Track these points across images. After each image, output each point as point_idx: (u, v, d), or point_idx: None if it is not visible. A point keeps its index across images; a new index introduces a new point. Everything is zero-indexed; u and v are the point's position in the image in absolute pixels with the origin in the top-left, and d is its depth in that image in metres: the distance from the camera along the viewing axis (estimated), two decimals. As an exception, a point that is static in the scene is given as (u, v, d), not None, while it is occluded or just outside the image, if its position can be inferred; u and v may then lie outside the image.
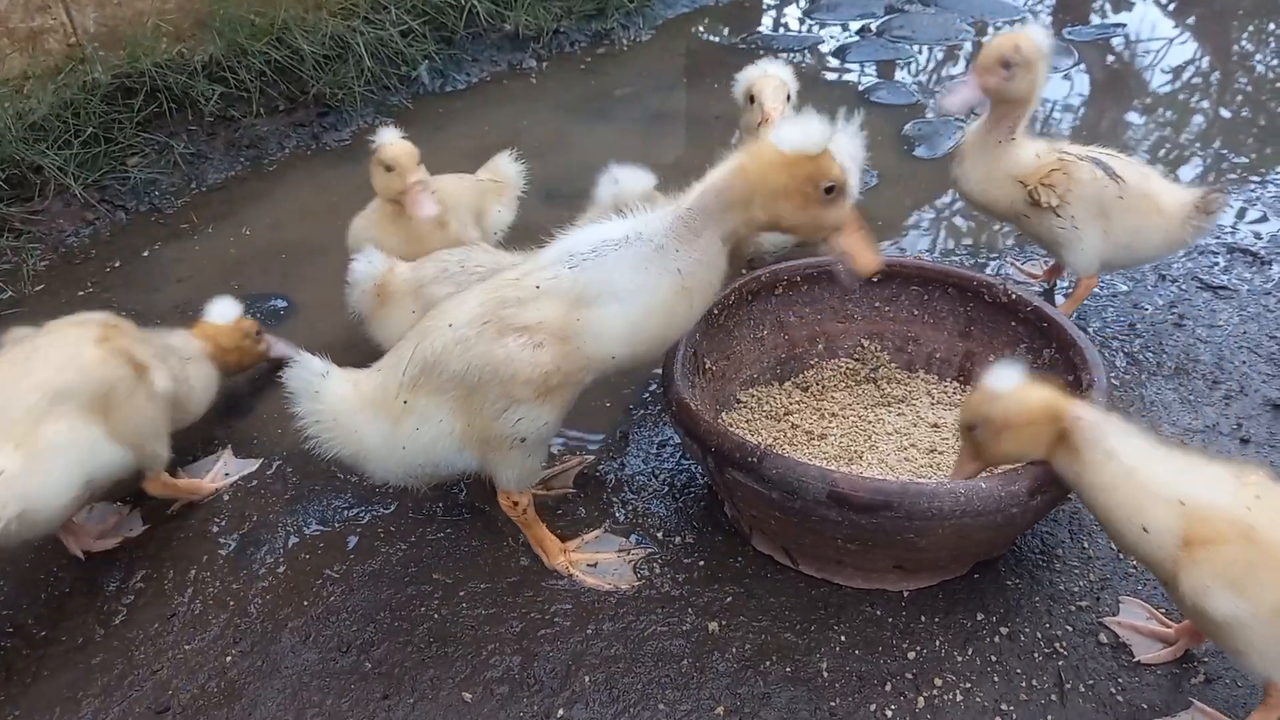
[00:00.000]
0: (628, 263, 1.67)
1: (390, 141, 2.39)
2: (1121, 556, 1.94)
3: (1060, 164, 2.36)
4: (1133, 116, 3.93)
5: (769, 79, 2.36)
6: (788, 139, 1.63)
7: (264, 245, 3.13)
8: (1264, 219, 3.11)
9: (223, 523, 2.09)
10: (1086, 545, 1.97)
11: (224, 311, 2.36)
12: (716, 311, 2.17)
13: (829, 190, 1.64)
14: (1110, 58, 4.45)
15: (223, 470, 2.23)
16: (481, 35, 4.27)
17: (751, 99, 2.36)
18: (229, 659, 1.79)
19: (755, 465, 1.73)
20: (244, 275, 2.96)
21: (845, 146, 2.05)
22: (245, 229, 3.20)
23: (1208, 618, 1.47)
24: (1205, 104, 4.02)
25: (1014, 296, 2.16)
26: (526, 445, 1.74)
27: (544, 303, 1.66)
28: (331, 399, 1.77)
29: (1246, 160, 3.48)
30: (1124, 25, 4.68)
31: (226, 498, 2.15)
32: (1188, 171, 3.44)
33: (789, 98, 2.36)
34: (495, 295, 1.70)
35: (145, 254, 3.06)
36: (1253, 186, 3.29)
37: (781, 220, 1.68)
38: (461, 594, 1.90)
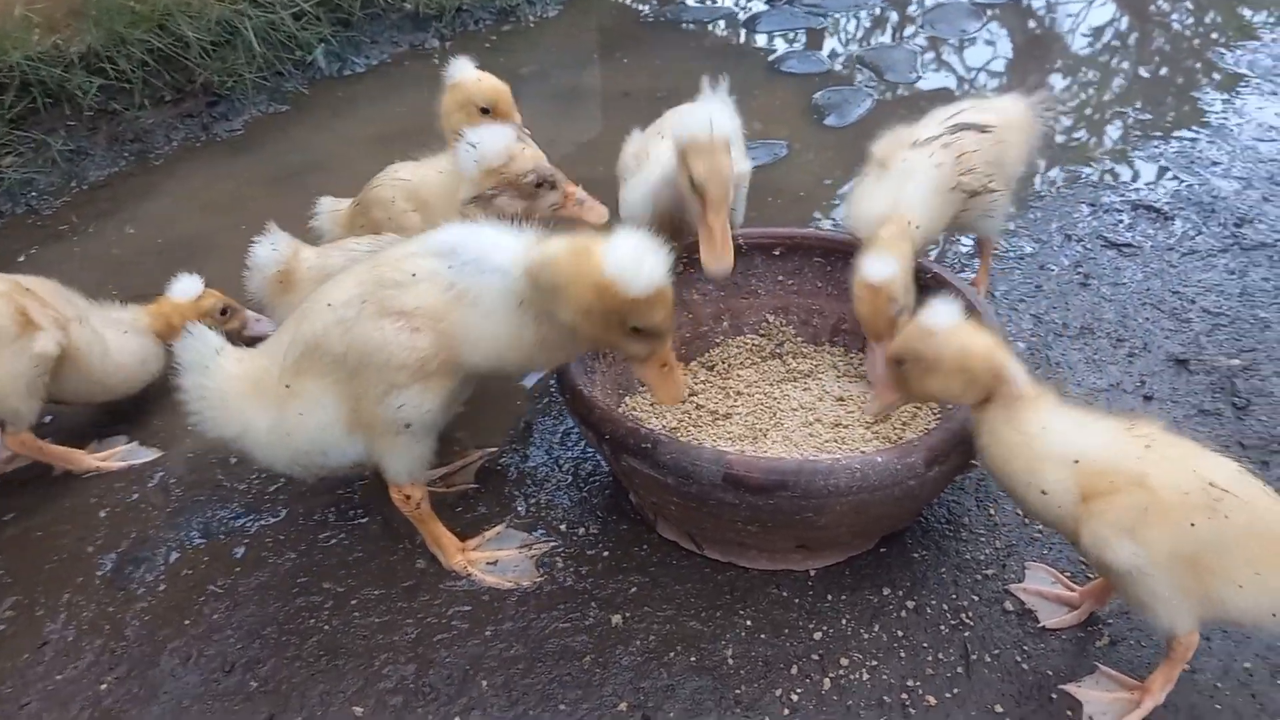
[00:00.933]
0: (497, 291, 1.57)
1: (479, 76, 2.14)
2: (1027, 522, 1.93)
3: (956, 146, 2.14)
4: (1055, 79, 3.93)
5: (713, 155, 1.85)
6: (618, 263, 1.45)
7: (151, 243, 2.98)
8: (1167, 175, 3.13)
9: (99, 541, 1.97)
10: (993, 512, 1.95)
11: (184, 289, 2.27)
12: (613, 293, 2.10)
13: (636, 330, 1.52)
14: (1031, 22, 4.44)
15: (119, 454, 2.17)
16: (380, 16, 4.13)
17: (692, 181, 1.89)
18: (103, 687, 1.69)
19: (649, 451, 1.67)
20: (128, 275, 2.81)
21: (720, 118, 1.97)
22: (129, 228, 3.04)
23: (1111, 570, 1.45)
24: (1125, 64, 4.04)
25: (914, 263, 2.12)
26: (412, 432, 1.66)
27: (422, 289, 1.58)
28: (221, 377, 1.69)
29: (1155, 118, 3.51)
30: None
31: (104, 514, 2.03)
32: (1113, 131, 3.46)
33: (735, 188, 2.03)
34: (374, 275, 1.62)
35: (21, 259, 2.89)
36: (1155, 143, 3.31)
37: (580, 331, 1.55)
38: (354, 602, 1.82)
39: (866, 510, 1.67)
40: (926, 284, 2.10)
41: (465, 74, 2.21)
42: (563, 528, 1.97)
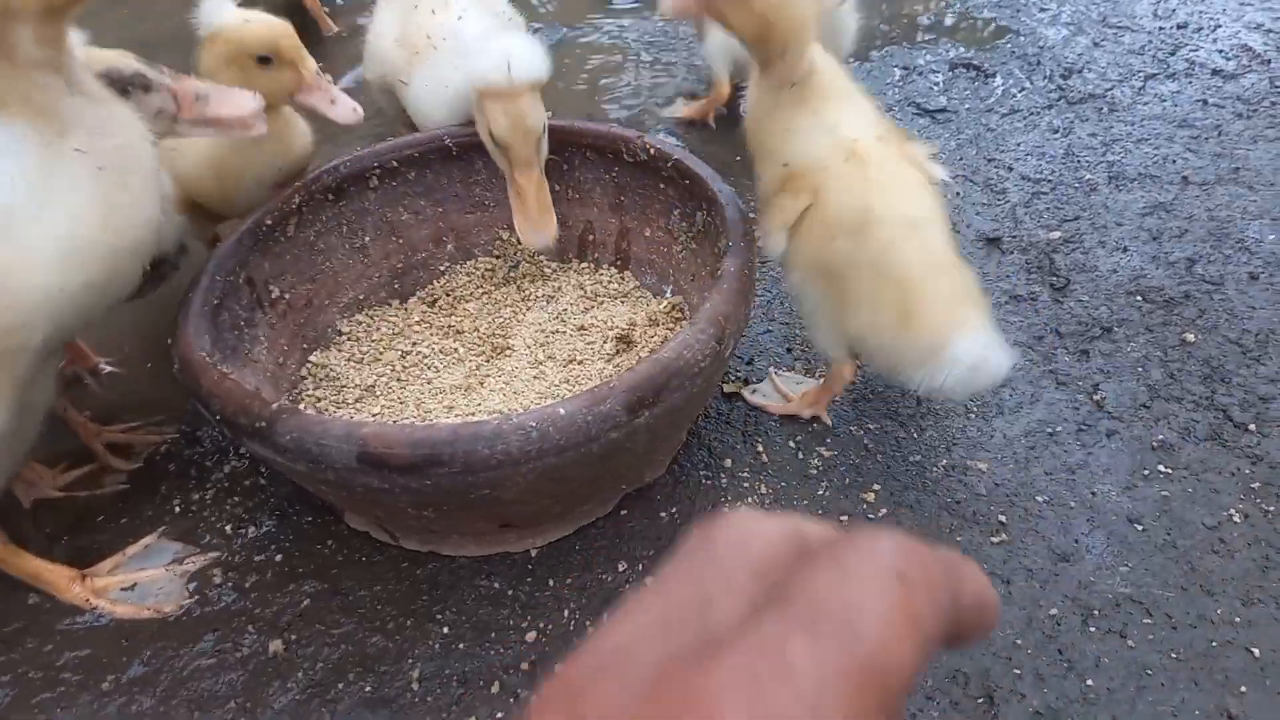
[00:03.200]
0: (18, 171, 1.12)
1: (246, 16, 1.58)
2: (800, 455, 1.57)
3: None
4: None
5: (516, 103, 1.57)
6: None
7: None
8: (989, 27, 2.76)
9: None
10: (761, 449, 1.59)
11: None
12: (271, 221, 1.64)
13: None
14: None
15: None
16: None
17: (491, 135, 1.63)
18: None
19: (265, 431, 1.24)
20: None
21: (522, 53, 1.54)
22: None
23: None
24: None
25: (653, 151, 1.71)
26: None
27: None
28: None
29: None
30: None
31: None
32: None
33: None
34: None
35: None
36: (978, -8, 2.93)
37: None
38: (-74, 665, 1.38)
39: (564, 476, 1.27)
40: (670, 176, 1.70)
41: (225, 17, 1.59)
42: (227, 529, 1.54)
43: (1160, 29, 2.69)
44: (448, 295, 1.84)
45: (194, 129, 1.46)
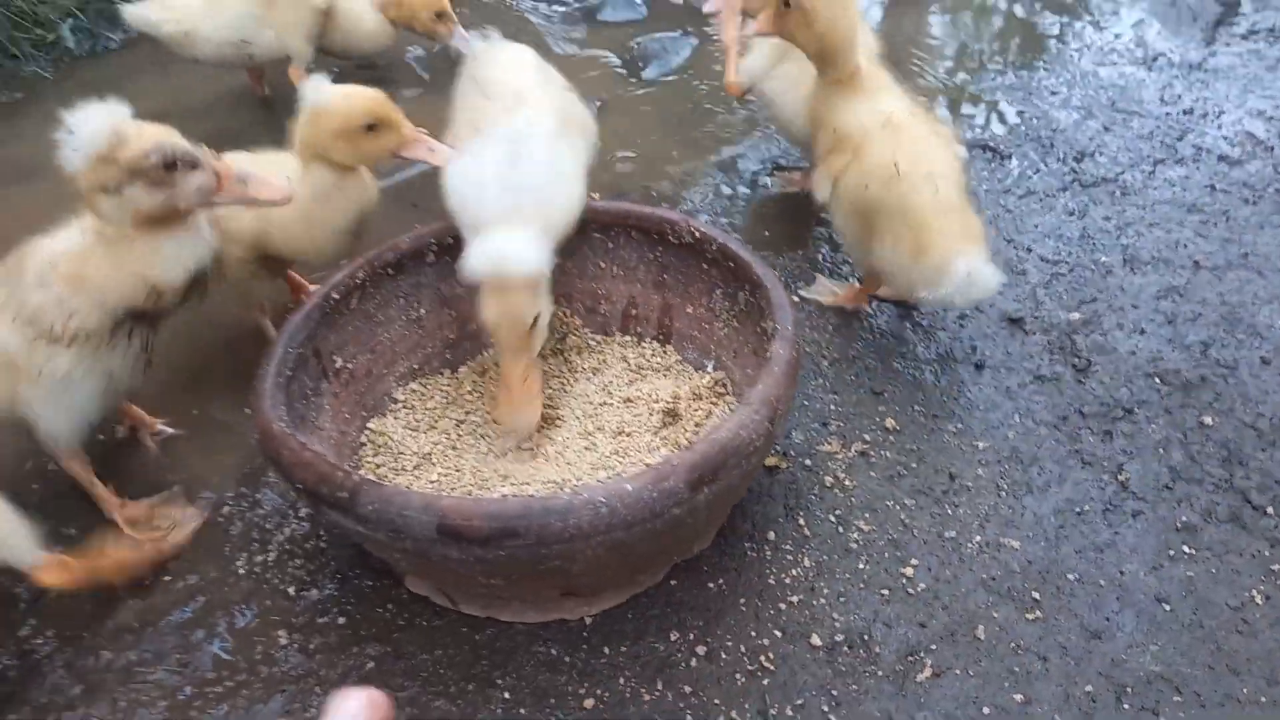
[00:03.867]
0: None
1: (345, 92, 1.74)
2: (841, 530, 1.64)
3: None
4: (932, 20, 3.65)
5: (506, 297, 1.62)
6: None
7: None
8: (1005, 109, 2.89)
9: None
10: (803, 522, 1.66)
11: None
12: (338, 295, 1.73)
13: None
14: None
15: None
16: (139, -18, 3.60)
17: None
18: None
19: (347, 502, 1.32)
20: None
21: (519, 252, 1.62)
22: None
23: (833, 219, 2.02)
24: (1002, 3, 3.79)
25: (698, 235, 1.81)
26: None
27: None
28: None
29: (991, 47, 3.26)
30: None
31: None
32: (948, 63, 3.18)
33: None
34: None
35: None
36: (993, 75, 3.06)
37: None
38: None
39: (628, 548, 1.35)
40: (715, 258, 1.80)
41: (328, 95, 1.73)
42: (290, 590, 1.60)
43: (1167, 114, 2.81)
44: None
45: (228, 203, 1.56)
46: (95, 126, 1.38)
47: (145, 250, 1.48)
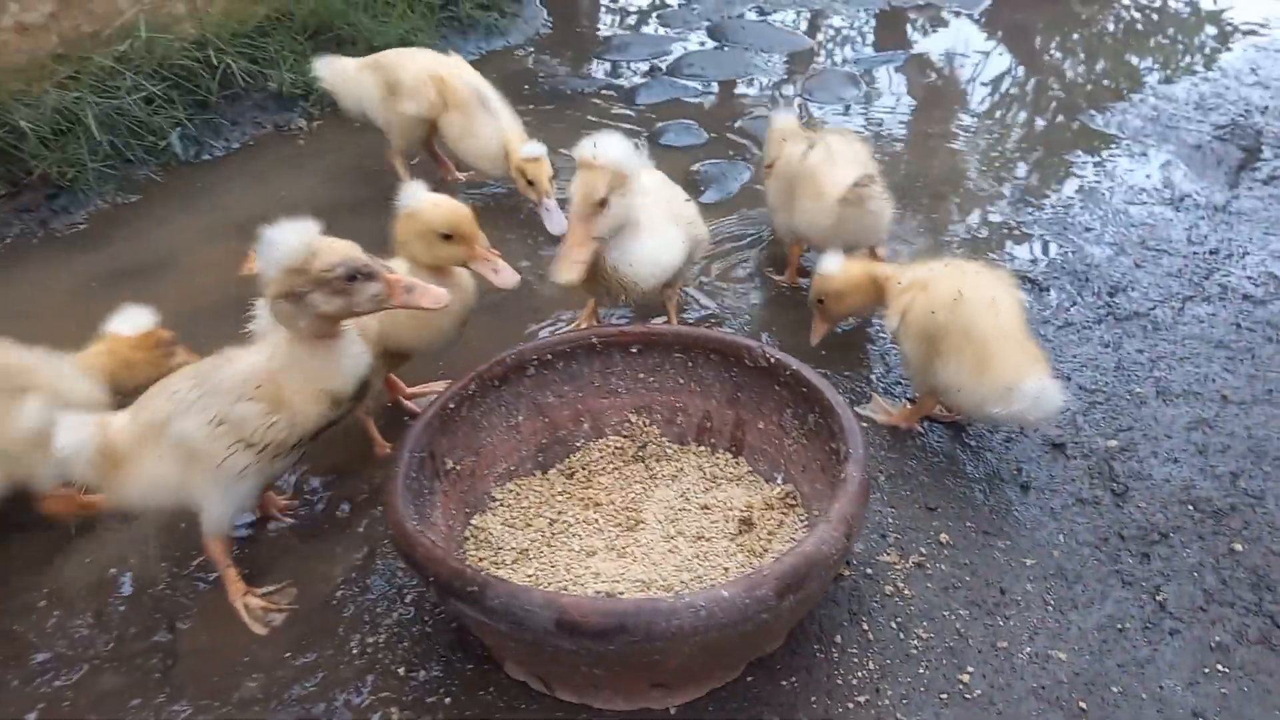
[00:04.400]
0: None
1: (435, 200, 2.06)
2: (901, 637, 1.80)
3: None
4: (958, 127, 3.94)
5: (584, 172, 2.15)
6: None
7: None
8: (1041, 243, 3.11)
9: None
10: (866, 627, 1.82)
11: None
12: (454, 405, 1.94)
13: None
14: (917, 84, 4.43)
15: None
16: (241, 96, 3.93)
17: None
18: None
19: (476, 595, 1.50)
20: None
21: (611, 148, 2.14)
22: (-55, 338, 2.77)
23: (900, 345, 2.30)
24: (1023, 114, 4.09)
25: (773, 360, 2.02)
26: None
27: None
28: None
29: (1027, 183, 3.51)
30: (907, 51, 4.72)
31: None
32: (984, 199, 3.43)
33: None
34: None
35: None
36: (1029, 210, 3.30)
37: None
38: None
39: (719, 647, 1.52)
40: (787, 382, 2.00)
41: (421, 201, 2.06)
42: (400, 672, 1.77)
43: (1194, 253, 3.03)
44: (583, 469, 2.12)
45: (396, 307, 1.78)
46: (293, 242, 1.60)
47: (322, 364, 1.70)
